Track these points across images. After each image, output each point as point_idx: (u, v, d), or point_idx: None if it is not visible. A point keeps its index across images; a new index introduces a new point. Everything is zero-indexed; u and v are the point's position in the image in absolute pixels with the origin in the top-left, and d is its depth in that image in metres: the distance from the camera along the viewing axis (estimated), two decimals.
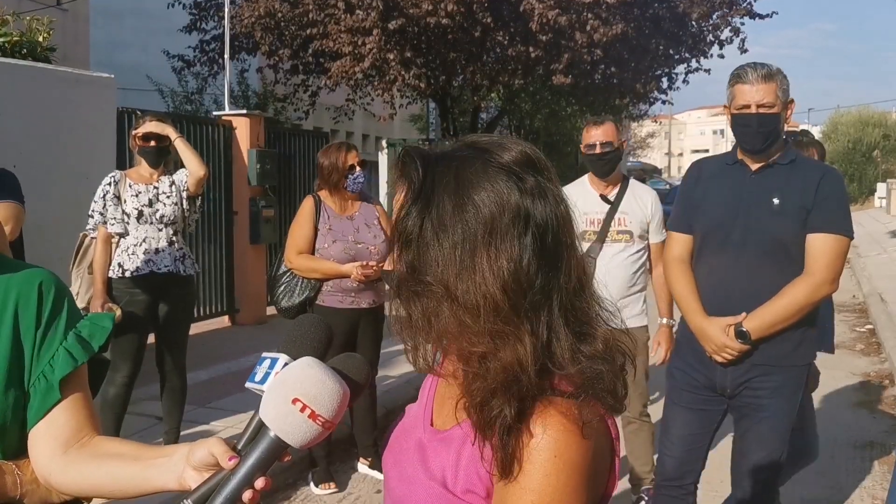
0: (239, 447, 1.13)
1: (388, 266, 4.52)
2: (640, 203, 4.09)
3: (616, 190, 4.12)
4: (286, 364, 1.15)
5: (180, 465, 1.20)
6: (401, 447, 1.23)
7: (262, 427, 1.10)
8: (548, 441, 1.00)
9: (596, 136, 4.05)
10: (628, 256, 4.02)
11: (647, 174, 29.93)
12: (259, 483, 1.09)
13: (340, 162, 4.44)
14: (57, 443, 1.37)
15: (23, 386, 1.39)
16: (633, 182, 4.22)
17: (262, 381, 1.15)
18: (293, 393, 1.07)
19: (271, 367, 1.17)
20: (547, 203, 1.07)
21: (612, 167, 4.08)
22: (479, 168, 1.07)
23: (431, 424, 1.22)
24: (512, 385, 1.02)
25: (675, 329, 3.72)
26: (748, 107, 2.89)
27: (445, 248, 1.05)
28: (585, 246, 3.92)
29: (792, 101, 2.95)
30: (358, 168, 4.47)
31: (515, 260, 1.03)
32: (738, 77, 2.93)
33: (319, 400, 1.07)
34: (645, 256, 4.12)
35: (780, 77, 2.90)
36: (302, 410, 1.06)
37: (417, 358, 1.13)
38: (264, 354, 1.21)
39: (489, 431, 1.03)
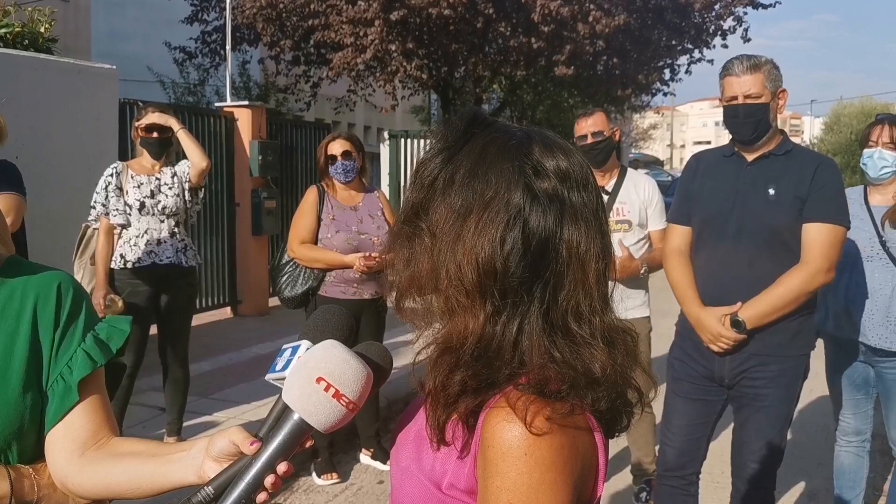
0: (260, 434, 1.11)
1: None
2: (638, 192, 4.10)
3: (614, 180, 4.12)
4: (309, 349, 1.14)
5: (199, 458, 1.18)
6: (402, 439, 1.23)
7: (284, 410, 1.09)
8: (517, 440, 1.00)
9: (586, 127, 4.06)
10: (629, 246, 4.02)
11: (643, 165, 29.67)
12: (281, 468, 1.08)
13: (322, 150, 4.51)
14: (74, 445, 1.35)
15: (41, 388, 1.37)
16: (630, 171, 4.22)
17: (284, 369, 1.14)
18: (317, 372, 1.06)
19: (293, 353, 1.16)
20: (551, 215, 1.06)
21: (605, 157, 4.08)
22: (508, 151, 1.08)
23: None
24: (449, 355, 1.05)
25: (642, 273, 3.97)
26: (735, 98, 2.94)
27: (446, 205, 1.08)
28: None
29: (783, 90, 2.98)
30: (339, 158, 4.46)
31: (496, 244, 1.03)
32: (725, 70, 2.99)
33: (343, 380, 1.06)
34: (646, 246, 4.12)
35: (767, 67, 2.93)
36: (326, 390, 1.05)
37: (388, 294, 1.17)
38: (284, 346, 1.20)
39: (432, 399, 1.06)
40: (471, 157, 1.09)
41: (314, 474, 4.59)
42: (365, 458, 4.83)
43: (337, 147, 4.46)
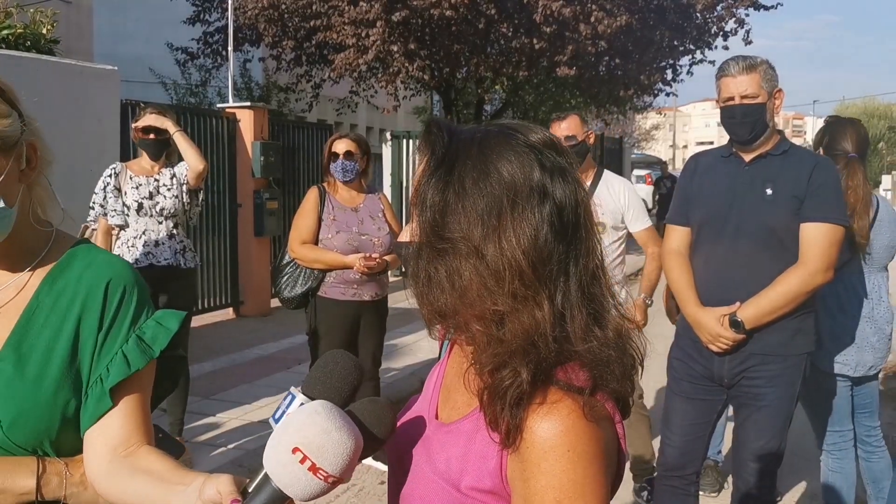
0: (249, 489, 1.06)
1: (403, 238, 4.52)
2: (612, 195, 4.11)
3: (588, 182, 4.13)
4: (301, 405, 1.07)
5: (192, 497, 1.18)
6: (405, 440, 1.23)
7: (265, 474, 1.04)
8: (560, 437, 1.01)
9: (559, 130, 4.10)
10: (604, 248, 4.02)
11: (645, 166, 29.39)
12: None
13: (327, 147, 4.53)
14: (106, 448, 1.37)
15: (78, 387, 1.39)
16: (606, 174, 4.24)
17: (279, 420, 1.08)
18: (294, 441, 1.00)
19: (289, 404, 1.10)
20: (567, 183, 1.09)
21: (579, 160, 4.10)
22: (503, 141, 1.10)
23: (437, 417, 1.22)
24: (530, 350, 1.03)
25: (650, 305, 4.03)
26: (732, 99, 2.96)
27: (469, 212, 1.06)
28: None
29: (779, 90, 2.99)
30: (341, 157, 4.47)
31: (535, 228, 1.04)
32: (722, 71, 3.01)
33: (322, 452, 0.99)
34: (622, 248, 4.14)
35: (763, 68, 2.94)
36: (302, 462, 0.98)
37: (433, 324, 1.13)
38: (290, 389, 1.13)
39: (500, 401, 1.03)
40: (471, 159, 1.09)
41: None
42: (366, 458, 4.82)
43: (341, 146, 4.47)
